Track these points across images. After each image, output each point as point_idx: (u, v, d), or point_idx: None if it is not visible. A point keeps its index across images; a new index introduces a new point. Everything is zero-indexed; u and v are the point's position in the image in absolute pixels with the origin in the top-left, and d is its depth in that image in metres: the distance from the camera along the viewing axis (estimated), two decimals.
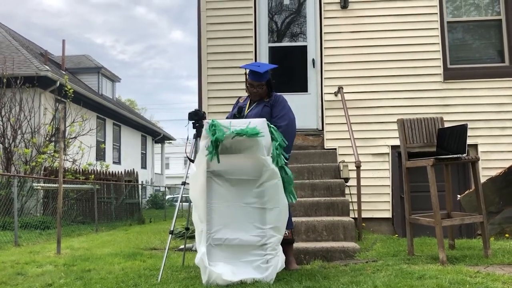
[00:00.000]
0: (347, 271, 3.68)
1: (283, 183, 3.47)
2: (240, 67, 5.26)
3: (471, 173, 5.44)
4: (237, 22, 7.38)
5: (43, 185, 10.45)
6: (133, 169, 16.66)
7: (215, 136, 3.27)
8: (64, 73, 16.59)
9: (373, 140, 6.93)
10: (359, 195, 5.60)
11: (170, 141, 30.46)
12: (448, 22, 7.23)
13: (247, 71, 4.01)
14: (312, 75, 7.36)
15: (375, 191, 6.78)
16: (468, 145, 4.12)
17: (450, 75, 7.06)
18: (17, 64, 13.58)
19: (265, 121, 3.44)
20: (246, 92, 4.10)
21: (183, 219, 9.34)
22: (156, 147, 27.87)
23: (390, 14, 7.17)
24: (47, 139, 12.30)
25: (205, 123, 3.41)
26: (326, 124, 7.09)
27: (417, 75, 7.04)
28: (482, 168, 6.17)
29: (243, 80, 4.18)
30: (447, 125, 4.34)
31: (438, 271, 3.40)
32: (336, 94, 7.05)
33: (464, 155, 3.88)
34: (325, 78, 7.17)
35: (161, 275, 3.57)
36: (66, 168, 11.81)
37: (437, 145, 4.20)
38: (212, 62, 7.30)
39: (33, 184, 10.20)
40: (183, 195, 4.49)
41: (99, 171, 13.63)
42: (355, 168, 5.57)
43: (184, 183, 4.01)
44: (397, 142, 4.84)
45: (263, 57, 7.41)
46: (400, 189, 6.67)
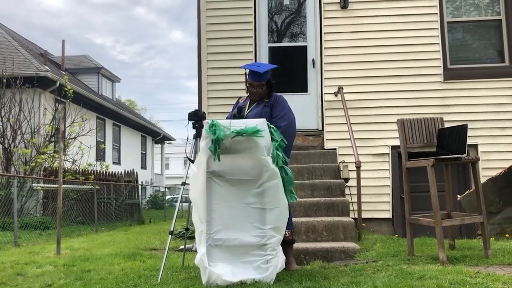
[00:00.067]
0: (347, 271, 3.68)
1: (283, 183, 3.47)
2: (240, 67, 5.25)
3: (471, 173, 5.44)
4: (237, 22, 7.37)
5: (43, 185, 10.44)
6: (133, 169, 16.65)
7: (216, 135, 3.27)
8: (64, 73, 16.59)
9: (373, 140, 6.93)
10: (359, 195, 5.60)
11: (170, 142, 30.48)
12: (448, 22, 7.23)
13: (247, 71, 4.01)
14: (312, 75, 7.36)
15: (375, 191, 6.78)
16: (468, 145, 4.11)
17: (450, 75, 7.06)
18: (17, 64, 13.58)
19: (265, 121, 3.44)
20: (246, 92, 4.10)
21: (183, 219, 9.33)
22: (156, 148, 27.88)
23: (390, 14, 7.17)
24: (47, 139, 12.30)
25: (205, 123, 3.41)
26: (326, 124, 7.08)
27: (417, 75, 7.04)
28: (482, 168, 6.17)
29: (243, 80, 4.18)
30: (447, 125, 4.34)
31: (438, 272, 3.40)
32: (336, 94, 7.05)
33: (464, 155, 3.88)
34: (325, 78, 7.17)
35: (161, 276, 3.57)
36: (66, 168, 11.81)
37: (437, 145, 4.20)
38: (212, 62, 7.30)
39: (33, 184, 10.19)
40: (183, 196, 4.48)
41: (99, 171, 13.63)
42: (355, 168, 5.57)
43: (184, 184, 4.00)
44: (397, 142, 4.84)
45: (263, 57, 7.41)
46: (400, 189, 6.67)
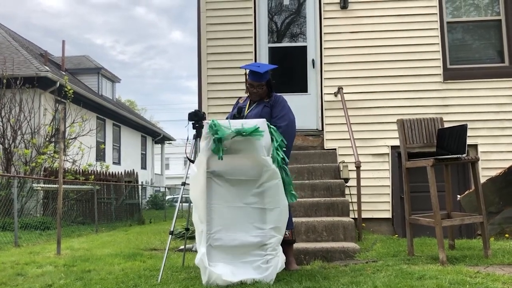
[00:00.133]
0: (347, 271, 3.68)
1: (283, 183, 3.47)
2: (240, 67, 5.26)
3: (471, 173, 5.44)
4: (237, 22, 7.38)
5: (43, 185, 10.44)
6: (133, 169, 16.65)
7: (219, 135, 3.27)
8: (64, 73, 16.59)
9: (373, 140, 6.93)
10: (359, 195, 5.60)
11: (170, 142, 30.47)
12: (447, 22, 7.23)
13: (247, 71, 4.01)
14: (312, 76, 7.36)
15: (375, 191, 6.78)
16: (468, 145, 4.12)
17: (450, 75, 7.06)
18: (17, 64, 13.57)
19: (265, 121, 3.44)
20: (246, 92, 4.10)
21: (183, 219, 9.33)
22: (156, 148, 27.88)
23: (389, 14, 7.17)
24: (47, 139, 12.29)
25: (205, 123, 3.41)
26: (326, 124, 7.09)
27: (417, 75, 7.05)
28: (482, 168, 6.18)
29: (243, 80, 4.19)
30: (447, 125, 4.34)
31: (438, 272, 3.40)
32: (336, 94, 7.05)
33: (464, 155, 3.88)
34: (325, 78, 7.18)
35: (161, 276, 3.57)
36: (66, 168, 11.81)
37: (437, 146, 4.20)
38: (212, 62, 7.30)
39: (33, 184, 10.20)
40: (183, 196, 4.49)
41: (99, 171, 13.64)
42: (355, 168, 5.57)
43: (184, 184, 4.01)
44: (397, 142, 4.84)
45: (263, 57, 7.41)
46: (400, 190, 6.67)
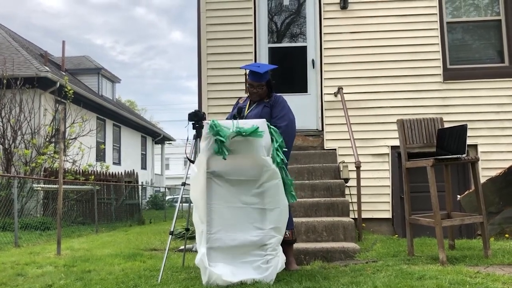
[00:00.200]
0: (347, 271, 3.68)
1: (283, 184, 3.47)
2: (240, 67, 5.27)
3: (471, 174, 5.43)
4: (237, 22, 7.38)
5: (43, 186, 10.44)
6: (133, 170, 16.64)
7: (219, 136, 3.27)
8: (64, 74, 16.59)
9: (373, 140, 6.93)
10: (359, 195, 5.60)
11: (170, 142, 30.45)
12: (447, 22, 7.24)
13: (247, 71, 4.02)
14: (312, 76, 7.36)
15: (375, 191, 6.78)
16: (468, 145, 4.12)
17: (450, 75, 7.06)
18: (17, 65, 13.57)
19: (265, 122, 3.45)
20: (246, 92, 4.10)
21: (183, 219, 9.33)
22: (156, 148, 27.88)
23: (389, 14, 7.17)
24: (47, 140, 12.29)
25: (205, 124, 3.41)
26: (326, 124, 7.09)
27: (417, 75, 7.05)
28: (482, 168, 6.18)
29: (243, 80, 4.20)
30: (447, 125, 4.34)
31: (438, 272, 3.40)
32: (336, 94, 7.05)
33: (464, 155, 3.88)
34: (325, 78, 7.18)
35: (161, 276, 3.57)
36: (66, 169, 11.81)
37: (437, 146, 4.20)
38: (212, 62, 7.30)
39: (33, 185, 10.19)
40: (183, 196, 4.49)
41: (99, 172, 13.63)
42: (355, 168, 5.57)
43: (184, 184, 4.00)
44: (397, 142, 4.84)
45: (263, 57, 7.41)
46: (400, 190, 6.67)
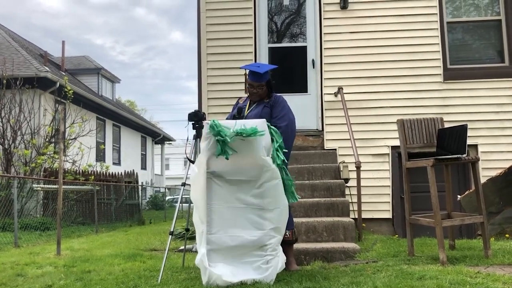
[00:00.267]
0: (347, 271, 3.67)
1: (284, 184, 3.47)
2: (240, 67, 5.26)
3: (471, 173, 5.44)
4: (237, 22, 7.37)
5: (43, 186, 10.43)
6: (133, 170, 16.64)
7: (221, 136, 3.26)
8: (64, 74, 16.59)
9: (373, 140, 6.93)
10: (359, 195, 5.60)
11: (170, 142, 30.45)
12: (447, 22, 7.23)
13: (247, 71, 4.01)
14: (312, 76, 7.36)
15: (375, 191, 6.78)
16: (468, 145, 4.12)
17: (450, 75, 7.06)
18: (17, 65, 13.57)
19: (265, 122, 3.44)
20: (246, 92, 4.10)
21: (183, 220, 9.33)
22: (156, 148, 27.87)
23: (389, 14, 7.17)
24: (47, 140, 12.29)
25: (205, 124, 3.41)
26: (326, 124, 7.08)
27: (417, 75, 7.05)
28: (482, 168, 6.17)
29: (243, 80, 4.20)
30: (447, 125, 4.34)
31: (438, 272, 3.40)
32: (336, 94, 7.05)
33: (464, 155, 3.88)
34: (325, 78, 7.17)
35: (161, 276, 3.57)
36: (66, 169, 11.80)
37: (437, 146, 4.19)
38: (212, 62, 7.29)
39: (33, 185, 10.19)
40: (183, 196, 4.49)
41: (99, 172, 13.63)
42: (355, 168, 5.56)
43: (184, 184, 4.00)
44: (397, 142, 4.84)
45: (263, 57, 7.40)
46: (400, 190, 6.67)
